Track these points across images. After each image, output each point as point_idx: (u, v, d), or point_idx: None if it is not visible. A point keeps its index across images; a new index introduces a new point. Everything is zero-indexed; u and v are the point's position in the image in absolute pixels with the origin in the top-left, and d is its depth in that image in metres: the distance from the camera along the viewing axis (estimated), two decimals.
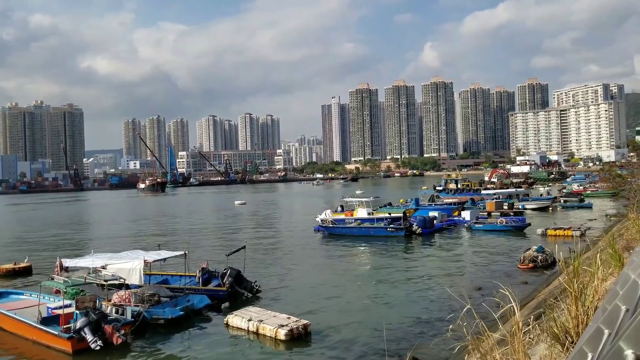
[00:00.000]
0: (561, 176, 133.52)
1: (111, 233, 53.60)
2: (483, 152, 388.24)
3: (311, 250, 36.48)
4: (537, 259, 25.12)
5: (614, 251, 10.19)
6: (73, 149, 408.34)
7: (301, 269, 29.47)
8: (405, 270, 28.06)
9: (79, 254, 28.94)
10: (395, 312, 19.90)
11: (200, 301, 20.33)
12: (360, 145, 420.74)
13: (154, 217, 74.91)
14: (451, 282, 24.34)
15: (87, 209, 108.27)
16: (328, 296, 22.73)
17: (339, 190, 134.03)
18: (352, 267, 30.31)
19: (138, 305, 18.97)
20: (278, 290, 24.08)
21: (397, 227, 40.75)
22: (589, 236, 35.79)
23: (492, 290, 22.92)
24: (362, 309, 20.53)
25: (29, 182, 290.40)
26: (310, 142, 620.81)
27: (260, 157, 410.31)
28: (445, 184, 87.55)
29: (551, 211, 58.71)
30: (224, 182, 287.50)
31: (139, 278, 19.29)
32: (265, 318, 17.69)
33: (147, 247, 28.96)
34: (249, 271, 27.61)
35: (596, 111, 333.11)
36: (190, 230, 52.29)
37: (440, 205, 58.04)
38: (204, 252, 33.27)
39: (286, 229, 51.67)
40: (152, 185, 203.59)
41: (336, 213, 50.78)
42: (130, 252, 22.22)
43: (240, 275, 22.72)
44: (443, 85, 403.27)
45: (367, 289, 24.11)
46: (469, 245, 36.63)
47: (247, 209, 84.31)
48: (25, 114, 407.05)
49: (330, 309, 20.67)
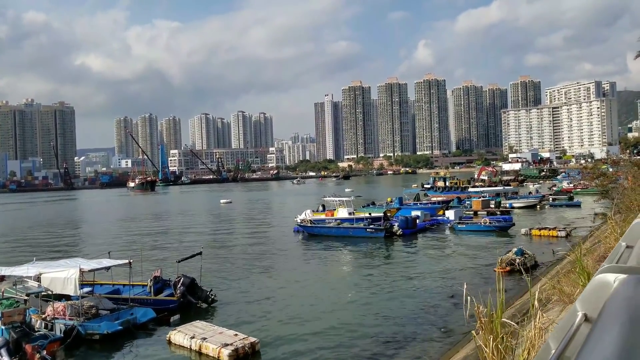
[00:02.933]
0: (552, 173, 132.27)
1: (83, 235, 51.80)
2: (476, 149, 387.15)
3: (285, 254, 34.66)
4: (514, 262, 23.55)
5: (581, 269, 8.56)
6: (64, 148, 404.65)
7: (269, 275, 27.62)
8: (379, 277, 26.35)
9: (43, 258, 27.17)
10: (359, 327, 18.19)
11: (145, 314, 18.59)
12: (353, 143, 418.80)
13: (134, 217, 72.96)
14: (425, 289, 22.73)
15: (71, 209, 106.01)
16: (291, 307, 21.01)
17: (331, 189, 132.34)
18: (324, 273, 28.35)
19: (73, 318, 17.26)
20: (238, 300, 22.27)
21: (376, 227, 39.13)
22: (575, 237, 34.43)
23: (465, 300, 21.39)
24: (325, 323, 18.79)
25: (19, 181, 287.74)
26: (303, 140, 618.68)
27: (253, 155, 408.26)
28: (433, 182, 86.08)
29: (539, 210, 57.30)
30: (216, 180, 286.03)
31: (74, 288, 17.55)
32: (210, 335, 15.99)
33: (111, 252, 26.96)
34: (211, 278, 25.93)
35: (588, 108, 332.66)
36: (163, 232, 50.51)
37: (424, 205, 56.41)
38: (167, 256, 31.29)
39: (265, 230, 49.91)
40: (142, 184, 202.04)
41: (317, 213, 49.09)
42: (69, 260, 20.45)
43: (195, 283, 20.98)
44: (436, 83, 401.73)
45: (335, 299, 22.22)
46: (450, 247, 35.02)
47: (232, 208, 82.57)
48: (16, 112, 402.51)
49: (289, 322, 18.97)
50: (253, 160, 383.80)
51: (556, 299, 10.71)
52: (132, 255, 21.74)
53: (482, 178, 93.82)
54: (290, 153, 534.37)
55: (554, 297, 10.86)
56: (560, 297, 10.22)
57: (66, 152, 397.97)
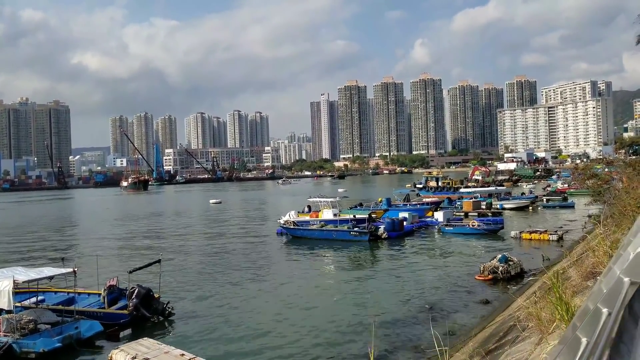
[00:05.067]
0: (547, 173, 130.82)
1: (53, 238, 50.03)
2: (472, 149, 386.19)
3: (264, 259, 32.91)
4: (497, 270, 21.96)
5: (558, 299, 6.94)
6: (59, 147, 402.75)
7: (240, 284, 25.74)
8: (356, 285, 24.66)
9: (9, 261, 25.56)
10: (330, 346, 16.61)
11: (90, 328, 16.93)
12: (349, 142, 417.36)
13: (118, 218, 71.16)
14: (401, 300, 21.09)
15: (58, 209, 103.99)
16: (258, 321, 19.31)
17: (322, 188, 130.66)
18: (299, 283, 26.00)
19: (8, 334, 15.62)
20: (200, 312, 20.46)
21: (360, 230, 37.52)
22: (567, 240, 32.93)
23: (443, 312, 19.81)
24: (290, 340, 17.18)
25: (12, 180, 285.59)
26: (300, 140, 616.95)
27: (248, 154, 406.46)
28: (426, 182, 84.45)
29: (531, 211, 55.75)
30: (211, 179, 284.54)
31: (8, 302, 15.91)
32: (153, 355, 14.30)
33: (65, 258, 25.32)
34: (175, 287, 24.29)
35: (584, 108, 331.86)
36: (136, 236, 48.68)
37: (414, 206, 54.79)
38: (131, 263, 29.30)
39: (248, 232, 48.18)
40: (134, 183, 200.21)
41: (302, 214, 47.45)
42: (5, 269, 18.71)
43: (150, 295, 19.28)
44: (432, 83, 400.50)
45: (306, 314, 20.30)
46: (435, 252, 33.40)
47: (221, 209, 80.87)
48: (10, 110, 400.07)
49: (252, 339, 17.31)
50: (249, 160, 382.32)
51: (532, 325, 9.18)
52: (82, 263, 20.03)
53: (476, 178, 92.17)
54: (287, 152, 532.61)
55: (531, 322, 9.34)
56: (537, 325, 8.67)
57: (61, 151, 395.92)
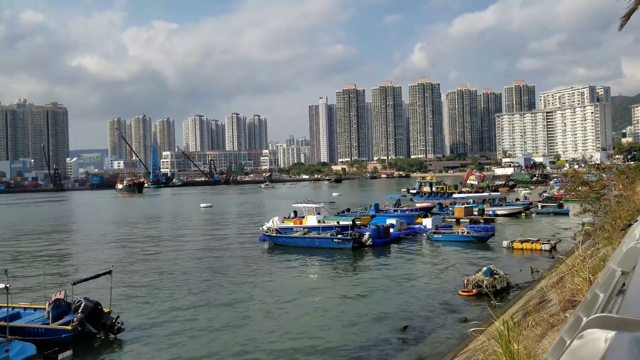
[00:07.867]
0: (544, 178, 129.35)
1: (23, 244, 48.39)
2: (470, 153, 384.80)
3: (239, 269, 31.03)
4: (482, 285, 20.38)
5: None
6: (56, 148, 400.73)
7: (208, 296, 24.01)
8: (328, 301, 22.52)
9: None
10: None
11: (22, 351, 15.29)
12: (347, 146, 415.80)
13: (101, 222, 69.50)
14: (376, 317, 19.41)
15: (47, 211, 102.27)
16: (220, 339, 17.70)
17: (325, 192, 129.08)
18: (272, 296, 23.95)
19: None
20: (153, 328, 18.75)
21: (344, 237, 35.93)
22: (560, 250, 31.37)
23: (417, 333, 18.19)
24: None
25: (8, 182, 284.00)
26: (298, 143, 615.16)
27: (246, 157, 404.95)
28: (419, 187, 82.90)
29: (524, 217, 54.16)
30: (208, 182, 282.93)
31: None
32: None
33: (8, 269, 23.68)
34: (132, 300, 22.65)
35: (582, 113, 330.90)
36: (114, 241, 47.02)
37: (403, 212, 53.17)
38: (93, 272, 27.52)
39: (230, 238, 46.47)
40: (129, 186, 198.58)
41: (288, 220, 45.88)
42: None
43: (99, 309, 17.68)
44: (430, 87, 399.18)
45: (263, 334, 18.38)
46: (420, 262, 31.78)
47: (211, 213, 79.22)
48: (7, 112, 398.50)
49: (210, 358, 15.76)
50: (246, 163, 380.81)
51: None
52: (18, 274, 18.44)
53: (470, 183, 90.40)
54: (285, 156, 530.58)
55: None
56: None
57: (58, 153, 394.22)
